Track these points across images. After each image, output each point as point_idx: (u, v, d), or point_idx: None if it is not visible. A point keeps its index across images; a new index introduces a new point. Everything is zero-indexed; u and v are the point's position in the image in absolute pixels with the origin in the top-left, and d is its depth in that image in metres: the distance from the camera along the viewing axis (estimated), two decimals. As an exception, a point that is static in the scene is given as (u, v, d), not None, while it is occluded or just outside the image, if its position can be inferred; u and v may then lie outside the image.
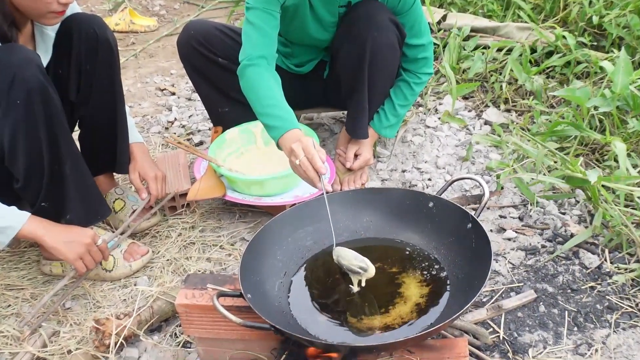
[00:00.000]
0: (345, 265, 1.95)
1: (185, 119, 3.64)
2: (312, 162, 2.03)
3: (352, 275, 1.96)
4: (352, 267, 1.94)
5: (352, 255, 1.96)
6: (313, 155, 2.03)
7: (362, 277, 1.95)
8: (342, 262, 1.96)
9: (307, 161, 2.04)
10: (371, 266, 1.94)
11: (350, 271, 1.95)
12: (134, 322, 2.12)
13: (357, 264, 1.93)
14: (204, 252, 2.54)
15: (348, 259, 1.96)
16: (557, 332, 2.07)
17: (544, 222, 2.54)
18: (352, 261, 1.94)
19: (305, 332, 1.85)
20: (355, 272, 1.94)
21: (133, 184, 2.60)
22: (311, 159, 2.03)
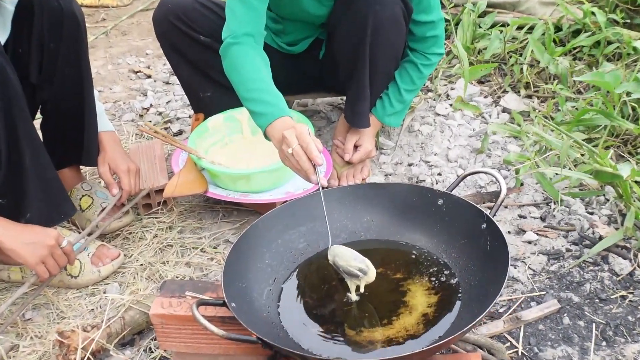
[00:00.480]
0: (343, 267, 1.95)
1: (162, 105, 3.64)
2: (307, 151, 2.02)
3: (349, 279, 1.96)
4: (350, 268, 1.93)
5: (350, 255, 1.96)
6: (308, 143, 2.02)
7: (360, 281, 1.94)
8: (339, 262, 1.96)
9: (301, 150, 2.03)
10: (372, 268, 1.93)
11: (347, 274, 1.95)
12: (103, 334, 2.12)
13: (356, 265, 1.93)
14: (182, 256, 2.53)
15: (346, 259, 1.95)
16: (583, 348, 2.07)
17: (569, 223, 2.55)
18: (351, 262, 1.94)
19: (297, 346, 1.85)
20: (353, 275, 1.93)
21: (102, 178, 2.59)
22: (306, 148, 2.02)
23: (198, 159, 2.66)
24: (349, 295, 1.97)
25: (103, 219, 2.56)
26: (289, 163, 2.10)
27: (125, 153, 2.64)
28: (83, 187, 2.65)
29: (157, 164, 2.85)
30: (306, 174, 2.04)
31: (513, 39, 3.68)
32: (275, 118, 2.17)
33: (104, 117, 2.63)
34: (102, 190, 2.67)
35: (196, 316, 1.73)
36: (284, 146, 2.06)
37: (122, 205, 2.65)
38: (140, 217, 2.73)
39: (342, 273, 1.97)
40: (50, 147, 2.35)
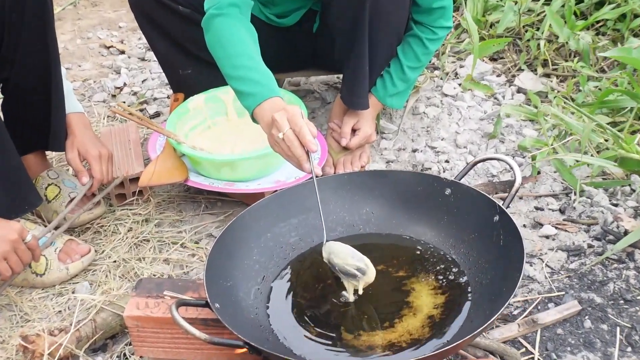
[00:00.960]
0: (339, 266, 1.95)
1: (137, 84, 3.63)
2: (300, 136, 2.01)
3: (345, 279, 1.96)
4: (348, 267, 1.93)
5: (348, 253, 1.96)
6: (301, 127, 2.01)
7: (358, 282, 1.95)
8: (335, 261, 1.96)
9: (293, 135, 2.02)
10: (371, 268, 1.94)
11: (344, 273, 1.95)
12: (71, 339, 2.11)
13: (353, 264, 1.93)
14: (160, 252, 2.54)
15: (342, 256, 1.95)
16: (606, 354, 2.08)
17: (591, 216, 2.55)
18: (348, 260, 1.94)
19: (289, 352, 1.85)
20: (350, 275, 1.94)
21: (71, 165, 2.59)
22: (298, 132, 2.01)
23: (177, 144, 2.66)
24: (344, 295, 1.98)
25: (71, 211, 2.56)
26: (279, 149, 2.08)
27: (96, 137, 2.63)
28: (49, 175, 2.65)
29: (132, 149, 2.85)
30: (298, 161, 2.02)
31: (529, 11, 3.68)
32: (264, 99, 2.16)
33: (72, 98, 2.62)
34: (70, 179, 2.67)
35: (176, 318, 1.73)
36: (274, 130, 2.05)
37: (93, 196, 2.65)
38: (113, 209, 2.73)
39: (338, 273, 1.97)
40: (13, 131, 2.35)
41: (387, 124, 3.11)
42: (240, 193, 2.62)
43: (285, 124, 2.01)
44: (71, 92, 2.62)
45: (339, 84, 3.37)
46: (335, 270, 1.98)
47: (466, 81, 3.32)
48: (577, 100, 3.04)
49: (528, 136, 2.96)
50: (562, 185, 2.71)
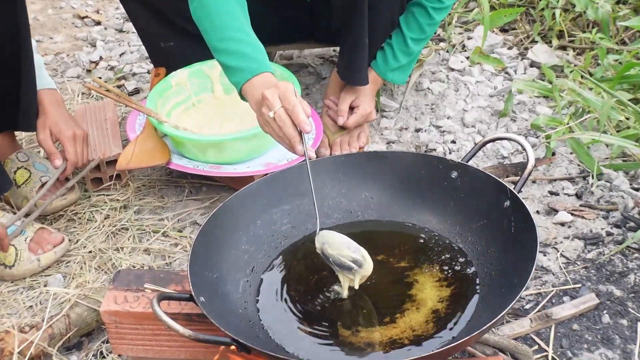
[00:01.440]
0: (333, 257, 1.94)
1: (114, 57, 3.62)
2: (292, 115, 1.99)
3: (340, 272, 1.96)
4: (342, 259, 1.93)
5: (343, 243, 1.95)
6: (294, 105, 1.99)
7: (355, 275, 1.94)
8: (329, 251, 1.95)
9: (285, 114, 2.01)
10: (368, 260, 1.93)
11: (339, 266, 1.94)
12: (43, 336, 2.12)
13: (348, 256, 1.92)
14: (140, 241, 2.54)
15: (337, 247, 1.95)
16: (625, 351, 2.09)
17: (611, 201, 2.56)
18: (343, 251, 1.93)
19: (280, 349, 1.86)
20: (345, 268, 1.93)
21: (42, 146, 2.59)
22: (291, 111, 2.00)
23: (159, 123, 2.65)
24: (337, 291, 1.98)
25: (43, 197, 2.56)
26: (269, 129, 2.07)
27: (69, 115, 2.63)
28: (19, 158, 2.65)
29: (109, 129, 2.85)
30: (290, 142, 2.00)
31: (543, -22, 3.68)
32: (254, 74, 2.16)
33: (43, 73, 2.62)
34: (41, 162, 2.67)
35: (157, 313, 1.72)
36: (264, 109, 2.04)
37: (67, 180, 2.65)
38: (88, 194, 2.73)
39: (332, 265, 1.97)
40: (-22, 109, 2.35)
41: (388, 101, 3.11)
42: (228, 177, 2.63)
43: (276, 101, 1.99)
44: (42, 66, 2.61)
45: (335, 57, 3.37)
46: (329, 262, 1.97)
47: (474, 54, 3.32)
48: (595, 75, 3.04)
49: (542, 114, 2.96)
50: (579, 167, 2.71)
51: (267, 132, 2.09)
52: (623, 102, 2.69)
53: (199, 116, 2.82)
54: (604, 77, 3.02)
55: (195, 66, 2.86)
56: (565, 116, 2.84)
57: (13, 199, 2.63)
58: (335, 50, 3.39)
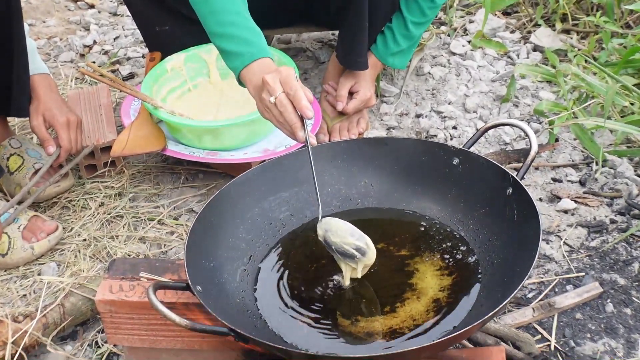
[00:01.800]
0: (336, 245, 1.94)
1: (108, 41, 3.62)
2: (295, 101, 1.98)
3: (342, 261, 1.96)
4: (346, 247, 1.93)
5: (347, 230, 1.95)
6: (296, 90, 1.98)
7: (357, 264, 1.94)
8: (332, 239, 1.95)
9: (287, 99, 2.00)
10: (372, 248, 1.93)
11: (341, 254, 1.94)
12: (37, 326, 2.12)
13: (352, 243, 1.92)
14: (135, 230, 2.54)
15: (341, 234, 1.95)
16: (629, 341, 2.09)
17: (615, 188, 2.56)
18: (347, 238, 1.93)
19: (279, 339, 1.86)
20: (348, 256, 1.93)
21: (36, 132, 2.58)
22: (293, 97, 1.98)
23: (154, 109, 2.65)
24: (340, 281, 1.98)
25: (36, 184, 2.56)
26: (269, 115, 2.06)
27: (63, 101, 2.63)
28: (11, 144, 2.65)
29: (103, 115, 2.84)
30: (291, 128, 1.99)
31: (547, -40, 3.67)
32: (253, 59, 2.15)
33: (36, 57, 2.61)
34: (34, 148, 2.67)
35: (153, 302, 1.73)
36: (265, 94, 2.02)
37: (60, 167, 2.64)
38: (82, 181, 2.73)
39: (334, 253, 1.97)
40: (-30, 94, 2.35)
41: (388, 86, 3.10)
42: (225, 163, 2.63)
43: (277, 86, 1.98)
44: (35, 51, 2.61)
45: (334, 41, 3.37)
46: (331, 250, 1.97)
47: (476, 38, 3.32)
48: (599, 59, 3.03)
49: (545, 99, 2.96)
50: (583, 154, 2.72)
51: (267, 118, 2.08)
52: (627, 87, 2.69)
53: (195, 101, 2.82)
54: (609, 61, 3.02)
55: (191, 50, 2.86)
56: (569, 101, 2.84)
57: (6, 186, 2.63)
58: (334, 34, 3.38)
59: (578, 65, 3.01)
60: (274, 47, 3.26)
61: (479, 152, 2.70)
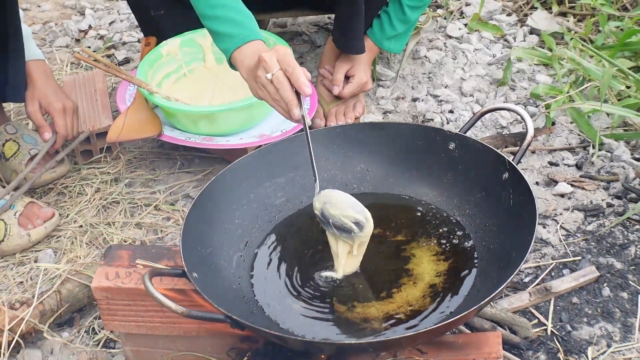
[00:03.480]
0: (334, 218, 1.91)
1: (104, 26, 3.61)
2: (292, 77, 1.94)
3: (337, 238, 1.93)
4: (344, 220, 1.90)
5: (348, 203, 1.92)
6: (294, 67, 1.94)
7: (354, 240, 1.92)
8: (331, 211, 1.91)
9: (284, 76, 1.96)
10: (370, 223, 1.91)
11: (338, 228, 1.91)
12: (34, 313, 2.13)
13: (352, 216, 1.90)
14: (131, 216, 2.54)
15: (342, 207, 1.91)
16: (626, 325, 2.09)
17: (611, 172, 2.56)
18: (347, 211, 1.90)
19: (275, 326, 1.86)
20: (344, 230, 1.90)
21: (31, 118, 2.58)
22: (291, 73, 1.94)
23: (149, 94, 2.65)
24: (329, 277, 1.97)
25: (32, 170, 2.55)
26: (263, 93, 2.02)
27: (59, 87, 2.62)
28: (7, 130, 2.64)
29: (99, 100, 2.84)
30: (287, 106, 1.94)
31: (543, -58, 3.66)
32: (245, 41, 2.13)
33: (31, 43, 2.60)
34: (30, 134, 2.66)
35: (149, 289, 1.72)
36: (260, 71, 1.98)
37: (56, 153, 2.63)
38: (78, 167, 2.73)
39: (329, 228, 1.93)
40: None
41: (385, 70, 3.10)
42: (221, 149, 2.62)
43: (274, 64, 1.94)
44: (30, 36, 2.60)
45: (330, 25, 3.36)
46: (325, 225, 1.95)
47: (473, 21, 3.31)
48: (596, 42, 3.03)
49: (541, 83, 2.96)
50: (579, 137, 2.71)
51: (260, 97, 2.04)
52: (624, 70, 2.69)
53: (191, 86, 2.81)
54: (605, 44, 3.01)
55: (187, 35, 2.85)
56: (566, 85, 2.83)
57: (1, 172, 2.62)
58: (331, 17, 3.37)
59: (574, 48, 3.01)
60: (270, 30, 3.25)
61: (475, 136, 2.70)
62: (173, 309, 1.70)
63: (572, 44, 3.04)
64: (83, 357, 2.11)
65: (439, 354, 1.83)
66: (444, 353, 1.83)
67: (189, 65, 2.87)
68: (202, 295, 1.75)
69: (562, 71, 2.92)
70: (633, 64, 2.85)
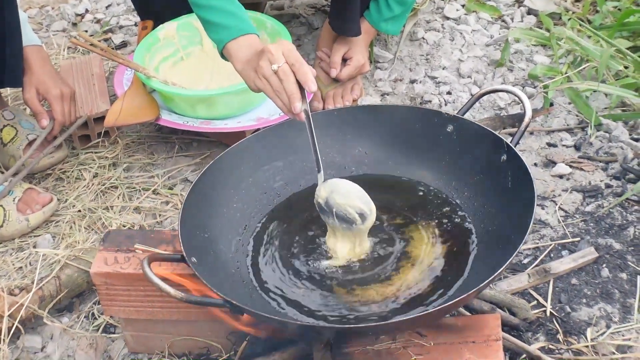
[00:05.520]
0: (339, 207, 1.91)
1: (100, 10, 3.60)
2: (299, 72, 1.91)
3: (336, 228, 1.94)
4: (349, 210, 1.90)
5: (355, 194, 1.93)
6: (302, 62, 1.91)
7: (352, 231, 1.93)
8: (337, 200, 1.92)
9: (290, 69, 1.92)
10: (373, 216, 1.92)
11: (340, 218, 1.92)
12: (34, 298, 2.13)
13: (357, 207, 1.90)
14: (130, 200, 2.54)
15: (350, 197, 1.92)
16: (625, 305, 2.10)
17: (610, 152, 2.56)
18: (355, 201, 1.91)
19: (274, 310, 1.86)
20: (347, 221, 1.91)
21: (28, 104, 2.57)
22: (298, 67, 1.91)
23: (147, 79, 2.64)
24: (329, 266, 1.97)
25: (31, 156, 2.55)
26: (263, 84, 1.98)
27: (56, 73, 2.61)
28: (4, 116, 2.64)
29: (96, 84, 2.83)
30: (290, 98, 1.91)
31: None
32: (242, 33, 2.11)
33: (27, 29, 2.59)
34: (28, 119, 2.66)
35: (148, 275, 1.73)
36: (264, 62, 1.94)
37: (54, 139, 2.63)
38: (76, 152, 2.73)
39: (329, 218, 1.94)
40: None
41: (382, 52, 3.09)
42: (218, 132, 2.62)
43: (281, 56, 1.92)
44: (26, 22, 2.59)
45: (327, 7, 3.34)
46: (325, 214, 1.95)
47: (470, 2, 3.30)
48: (594, 23, 3.02)
49: (539, 63, 2.95)
50: (578, 118, 2.71)
51: (258, 88, 2.01)
52: (622, 50, 2.68)
53: (188, 70, 2.81)
54: (603, 24, 3.00)
55: (184, 18, 2.84)
56: (564, 65, 2.83)
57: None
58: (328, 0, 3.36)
59: (572, 28, 3.00)
60: (267, 13, 3.24)
61: (473, 117, 2.69)
62: (172, 294, 1.70)
63: (570, 24, 3.04)
64: (83, 342, 2.12)
65: (439, 336, 1.82)
66: (444, 335, 1.83)
67: (186, 49, 2.87)
68: (200, 279, 1.75)
69: (560, 52, 2.91)
70: (631, 44, 2.85)
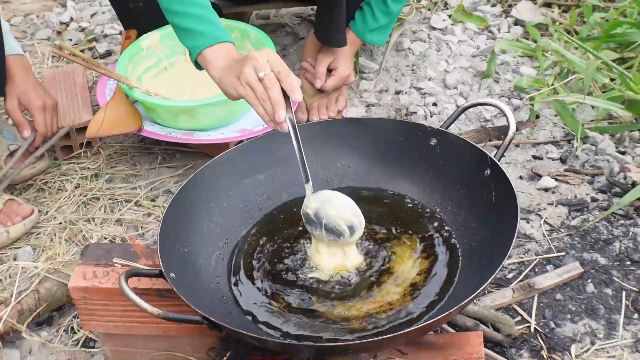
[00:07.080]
0: (329, 218, 1.90)
1: (85, 18, 3.59)
2: (286, 81, 1.88)
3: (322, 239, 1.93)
4: (339, 222, 1.90)
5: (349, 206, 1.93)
6: (288, 71, 1.90)
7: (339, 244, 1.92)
8: (328, 211, 1.91)
9: (275, 78, 1.89)
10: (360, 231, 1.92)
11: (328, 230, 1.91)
12: (12, 312, 2.11)
13: (348, 219, 1.90)
14: (112, 212, 2.53)
15: (340, 208, 1.91)
16: (610, 321, 2.09)
17: (596, 165, 2.55)
18: (345, 213, 1.91)
19: (254, 327, 1.85)
20: (335, 233, 1.90)
21: (10, 115, 2.56)
22: (285, 76, 1.88)
23: (129, 89, 2.63)
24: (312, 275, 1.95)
25: (12, 166, 2.53)
26: (246, 92, 1.93)
27: (38, 83, 2.60)
28: (-15, 126, 2.62)
29: (79, 94, 2.82)
30: (274, 107, 1.87)
31: None
32: (218, 41, 2.09)
33: (10, 37, 2.58)
34: (9, 129, 2.64)
35: (125, 291, 1.71)
36: (249, 69, 1.89)
37: (36, 149, 2.61)
38: (58, 163, 2.71)
39: (317, 229, 1.93)
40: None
41: (368, 62, 3.08)
42: (201, 143, 2.60)
43: (266, 64, 1.90)
44: (9, 30, 2.58)
45: (313, 17, 3.34)
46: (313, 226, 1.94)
47: (457, 12, 3.30)
48: (581, 34, 3.02)
49: (526, 75, 2.95)
50: (564, 130, 2.70)
51: (238, 95, 1.96)
52: (608, 63, 2.67)
53: (171, 80, 2.80)
54: (590, 36, 3.00)
55: (167, 28, 2.82)
56: (550, 77, 2.82)
57: (-20, 169, 2.61)
58: (314, 9, 3.35)
59: (559, 40, 3.01)
60: (252, 23, 3.24)
61: (459, 129, 2.69)
62: (149, 310, 1.69)
63: (556, 35, 3.04)
64: (62, 357, 2.10)
65: (420, 354, 1.82)
66: (425, 353, 1.82)
67: (170, 58, 2.85)
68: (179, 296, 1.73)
69: (546, 63, 2.91)
70: (618, 56, 2.85)
